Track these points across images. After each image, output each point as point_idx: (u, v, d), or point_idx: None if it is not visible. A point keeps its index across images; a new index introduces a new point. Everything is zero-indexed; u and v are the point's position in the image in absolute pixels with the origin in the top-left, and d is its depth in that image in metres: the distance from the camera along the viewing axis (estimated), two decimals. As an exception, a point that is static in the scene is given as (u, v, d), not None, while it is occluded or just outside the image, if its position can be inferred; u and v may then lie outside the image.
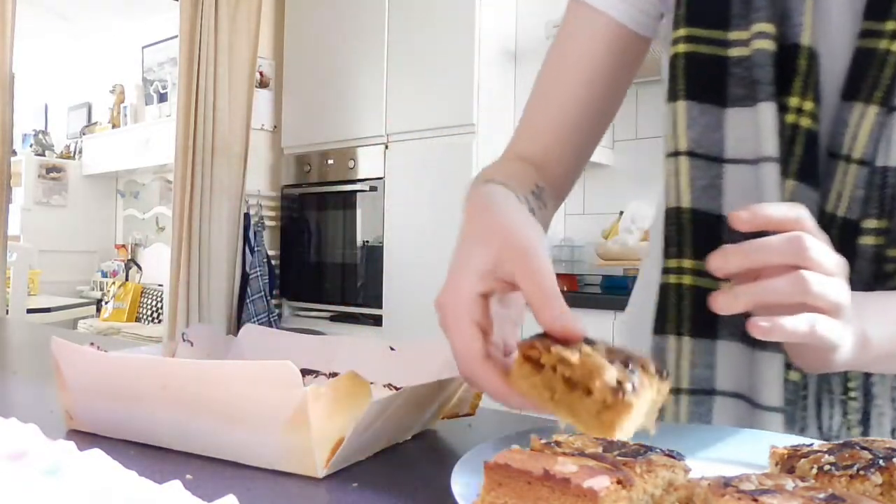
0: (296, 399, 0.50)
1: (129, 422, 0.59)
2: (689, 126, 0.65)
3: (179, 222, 3.14)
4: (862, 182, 0.60)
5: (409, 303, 2.88)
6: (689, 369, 0.64)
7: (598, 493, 0.36)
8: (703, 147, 0.64)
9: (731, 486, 0.36)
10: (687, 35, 0.66)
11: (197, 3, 3.12)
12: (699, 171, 0.64)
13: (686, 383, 0.65)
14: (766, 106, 0.61)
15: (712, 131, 0.64)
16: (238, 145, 3.23)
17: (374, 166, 3.04)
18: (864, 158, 0.60)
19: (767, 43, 0.62)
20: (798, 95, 0.61)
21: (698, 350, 0.64)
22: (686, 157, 0.65)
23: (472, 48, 2.71)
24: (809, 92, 0.61)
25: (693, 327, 0.64)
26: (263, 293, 3.28)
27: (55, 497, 0.34)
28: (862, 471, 0.41)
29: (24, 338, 1.46)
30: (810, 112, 0.61)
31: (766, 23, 0.62)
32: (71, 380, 0.61)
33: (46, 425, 0.45)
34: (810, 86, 0.61)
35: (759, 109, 0.62)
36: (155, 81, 4.72)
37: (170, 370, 0.56)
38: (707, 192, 0.64)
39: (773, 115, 0.61)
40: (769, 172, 0.61)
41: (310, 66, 3.36)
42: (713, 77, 0.64)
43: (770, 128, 0.61)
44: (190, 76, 3.11)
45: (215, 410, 0.54)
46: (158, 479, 0.39)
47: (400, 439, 0.62)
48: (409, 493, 0.51)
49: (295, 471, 0.53)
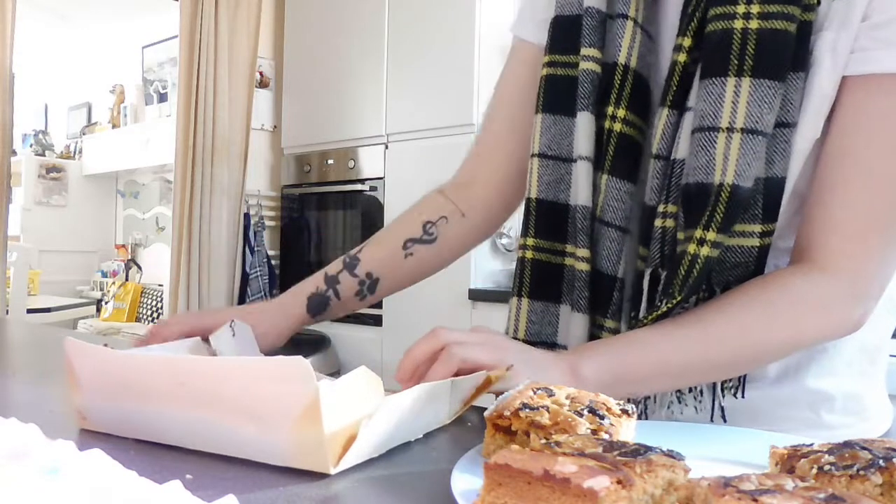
0: (308, 394, 0.50)
1: (145, 421, 0.59)
2: (542, 133, 0.79)
3: (179, 222, 3.14)
4: (659, 174, 0.72)
5: (409, 303, 2.88)
6: (526, 325, 0.79)
7: (598, 493, 0.36)
8: (552, 149, 0.78)
9: (731, 486, 0.36)
10: (549, 61, 0.80)
11: (197, 3, 3.12)
12: (546, 169, 0.78)
13: (522, 335, 0.80)
14: (584, 115, 0.75)
15: (563, 137, 0.78)
16: (238, 145, 3.23)
17: (374, 166, 3.04)
18: (659, 153, 0.72)
19: (591, 64, 0.75)
20: (612, 105, 0.74)
21: (534, 309, 0.79)
22: (537, 158, 0.79)
23: (472, 48, 2.71)
24: (623, 101, 0.74)
25: (531, 290, 0.79)
26: (263, 293, 3.28)
27: (55, 497, 0.34)
28: (862, 471, 0.41)
29: (24, 338, 1.46)
30: (622, 118, 0.74)
31: (591, 48, 0.76)
32: (85, 380, 0.61)
33: (46, 425, 0.45)
34: (623, 96, 0.74)
35: (579, 118, 0.76)
36: (155, 81, 4.71)
37: (188, 368, 0.56)
38: (554, 185, 0.78)
39: (589, 122, 0.75)
40: (582, 169, 0.75)
41: (310, 66, 3.36)
42: (564, 93, 0.78)
43: (585, 132, 0.75)
44: (190, 76, 3.11)
45: (230, 407, 0.54)
46: (158, 479, 0.39)
47: (411, 438, 0.62)
48: (409, 492, 0.51)
49: (306, 467, 0.53)
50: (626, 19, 0.74)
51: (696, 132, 0.67)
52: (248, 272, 3.28)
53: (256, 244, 3.33)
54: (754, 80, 0.64)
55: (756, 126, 0.64)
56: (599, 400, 0.54)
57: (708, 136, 0.66)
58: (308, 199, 3.35)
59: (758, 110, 0.64)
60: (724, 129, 0.65)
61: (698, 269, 0.65)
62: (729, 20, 0.65)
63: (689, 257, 0.66)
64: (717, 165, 0.65)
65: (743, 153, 0.64)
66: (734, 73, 0.65)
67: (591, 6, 0.76)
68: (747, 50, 0.64)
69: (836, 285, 0.66)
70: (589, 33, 0.76)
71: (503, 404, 0.53)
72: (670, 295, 0.67)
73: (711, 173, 0.66)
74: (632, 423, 0.54)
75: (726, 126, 0.65)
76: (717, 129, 0.66)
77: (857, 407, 0.76)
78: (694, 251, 0.65)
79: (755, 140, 0.64)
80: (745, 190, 0.65)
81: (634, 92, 0.74)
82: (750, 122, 0.64)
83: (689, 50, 0.70)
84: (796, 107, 0.66)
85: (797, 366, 0.74)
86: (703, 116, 0.67)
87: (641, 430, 0.56)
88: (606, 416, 0.51)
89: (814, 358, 0.74)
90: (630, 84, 0.74)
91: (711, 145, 0.66)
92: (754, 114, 0.64)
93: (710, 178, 0.66)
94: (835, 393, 0.74)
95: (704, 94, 0.67)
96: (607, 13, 0.76)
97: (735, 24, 0.65)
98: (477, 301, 2.67)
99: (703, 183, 0.66)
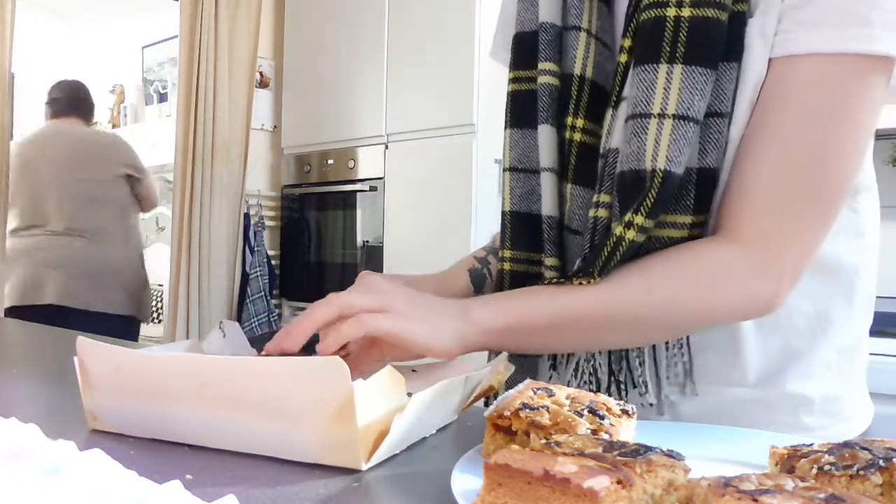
0: (343, 393, 0.51)
1: (160, 420, 0.59)
2: (511, 148, 0.80)
3: (179, 222, 3.14)
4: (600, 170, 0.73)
5: (409, 303, 2.88)
6: None
7: (598, 493, 0.36)
8: (522, 163, 0.80)
9: (731, 486, 0.36)
10: (513, 77, 0.82)
11: (197, 3, 3.12)
12: (517, 182, 0.80)
13: None
14: (544, 127, 0.76)
15: (530, 150, 0.79)
16: (238, 145, 3.22)
17: (374, 166, 3.04)
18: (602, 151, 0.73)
19: (548, 77, 0.76)
20: (571, 115, 0.75)
21: None
22: (509, 173, 0.80)
23: (472, 48, 2.71)
24: (580, 111, 0.75)
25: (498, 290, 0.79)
26: (263, 293, 3.28)
27: (55, 497, 0.34)
28: (862, 471, 0.41)
29: (24, 338, 1.46)
30: (581, 127, 0.74)
31: (547, 62, 0.76)
32: (98, 380, 0.61)
33: (46, 425, 0.45)
34: (581, 106, 0.75)
35: (540, 130, 0.77)
36: (155, 81, 4.71)
37: (211, 368, 0.56)
38: (526, 197, 0.79)
39: (550, 134, 0.76)
40: (547, 180, 0.76)
41: (310, 66, 3.36)
42: (527, 107, 0.79)
43: (547, 144, 0.76)
44: (190, 76, 3.11)
45: (258, 407, 0.55)
46: (158, 479, 0.39)
47: (428, 433, 0.64)
48: (409, 492, 0.52)
49: (338, 464, 0.54)
50: (580, 31, 0.75)
51: (629, 119, 0.68)
52: (248, 272, 3.28)
53: (256, 244, 3.33)
54: (686, 66, 0.64)
55: (687, 112, 0.64)
56: (599, 400, 0.54)
57: (640, 123, 0.66)
58: (308, 199, 3.35)
59: (689, 97, 0.64)
60: (656, 116, 0.65)
61: (621, 252, 0.65)
62: (661, 8, 0.66)
63: (615, 238, 0.65)
64: (647, 151, 0.65)
65: (674, 139, 0.64)
66: (666, 59, 0.65)
67: (546, 21, 0.77)
68: (679, 37, 0.65)
69: (745, 257, 0.65)
70: (545, 48, 0.77)
71: (503, 404, 0.53)
72: (589, 274, 0.66)
73: (643, 159, 0.66)
74: (632, 423, 0.54)
75: (658, 112, 0.65)
76: (648, 116, 0.66)
77: (835, 408, 0.76)
78: (620, 233, 0.65)
79: (686, 126, 0.64)
80: (676, 177, 0.65)
81: (591, 101, 0.74)
82: (681, 108, 0.64)
83: (629, 50, 0.70)
84: (728, 97, 0.66)
85: (777, 370, 0.74)
86: (636, 104, 0.67)
87: (641, 430, 0.56)
88: (606, 416, 0.51)
89: (792, 362, 0.74)
90: (587, 93, 0.74)
91: (643, 132, 0.66)
92: (685, 100, 0.64)
93: (642, 165, 0.66)
94: (814, 396, 0.74)
95: (637, 81, 0.67)
96: (562, 26, 0.77)
97: (668, 12, 0.65)
98: (477, 301, 2.67)
99: (636, 169, 0.66)
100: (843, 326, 0.75)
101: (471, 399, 0.68)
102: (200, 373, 0.56)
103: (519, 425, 0.51)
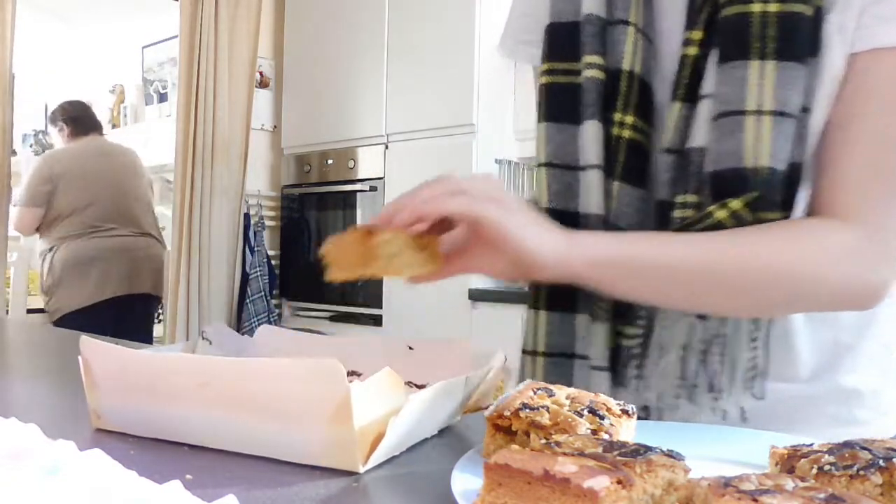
0: (340, 395, 0.51)
1: (162, 420, 0.59)
2: (546, 143, 0.77)
3: (179, 222, 3.14)
4: (669, 167, 0.71)
5: (409, 303, 2.88)
6: (546, 336, 0.78)
7: (598, 493, 0.36)
8: (559, 158, 0.77)
9: (731, 486, 0.36)
10: (547, 69, 0.78)
11: (197, 3, 3.12)
12: (554, 179, 0.77)
13: (542, 347, 0.78)
14: (591, 123, 0.74)
15: (568, 145, 0.76)
16: (238, 145, 3.23)
17: (374, 166, 3.04)
18: (671, 147, 0.71)
19: (594, 71, 0.74)
20: (620, 111, 0.73)
21: (551, 320, 0.78)
22: (544, 168, 0.77)
23: (472, 48, 2.71)
24: (630, 108, 0.73)
25: (548, 302, 0.78)
26: (263, 293, 3.28)
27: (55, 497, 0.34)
28: (862, 471, 0.41)
29: (24, 338, 1.46)
30: (631, 124, 0.73)
31: (593, 55, 0.75)
32: (102, 379, 0.61)
33: (46, 425, 0.45)
34: (630, 103, 0.73)
35: (586, 126, 0.75)
36: (155, 81, 4.71)
37: (213, 368, 0.56)
38: (563, 194, 0.76)
39: (596, 129, 0.74)
40: (593, 177, 0.74)
41: (310, 66, 3.36)
42: (567, 101, 0.77)
43: (593, 140, 0.74)
44: (190, 76, 3.11)
45: (258, 407, 0.55)
46: (158, 479, 0.39)
47: (428, 434, 0.63)
48: (409, 492, 0.52)
49: (336, 466, 0.54)
50: (628, 25, 0.74)
51: (719, 118, 0.67)
52: (248, 272, 3.28)
53: (256, 244, 3.33)
54: (779, 62, 0.64)
55: (784, 108, 0.64)
56: (599, 400, 0.54)
57: (735, 120, 0.65)
58: (308, 199, 3.35)
59: (785, 92, 0.64)
60: (753, 113, 0.65)
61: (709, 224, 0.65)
62: (745, 4, 0.66)
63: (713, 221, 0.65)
64: (747, 148, 0.65)
65: (775, 135, 0.64)
66: (757, 55, 0.65)
67: (591, 13, 0.75)
68: (768, 32, 0.65)
69: (857, 234, 0.65)
70: (591, 40, 0.75)
71: (503, 404, 0.53)
72: None
73: (742, 157, 0.65)
74: (632, 423, 0.54)
75: (754, 109, 0.65)
76: (743, 113, 0.65)
77: (876, 402, 0.76)
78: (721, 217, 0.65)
79: (785, 122, 0.64)
80: (780, 173, 0.64)
81: (640, 97, 0.73)
82: (778, 104, 0.64)
83: (699, 42, 0.70)
84: (812, 92, 0.66)
85: (828, 365, 0.74)
86: (727, 101, 0.66)
87: (641, 430, 0.56)
88: (606, 416, 0.51)
89: (842, 356, 0.74)
90: (636, 90, 0.73)
91: (740, 129, 0.65)
92: (781, 96, 0.64)
93: (742, 163, 0.65)
94: (863, 389, 0.75)
95: (726, 78, 0.66)
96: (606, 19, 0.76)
97: (753, 8, 0.65)
98: (477, 301, 2.67)
99: (736, 168, 0.65)
100: (885, 321, 0.76)
101: (470, 405, 0.68)
102: (202, 373, 0.56)
103: (519, 425, 0.51)
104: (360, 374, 0.73)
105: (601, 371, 0.74)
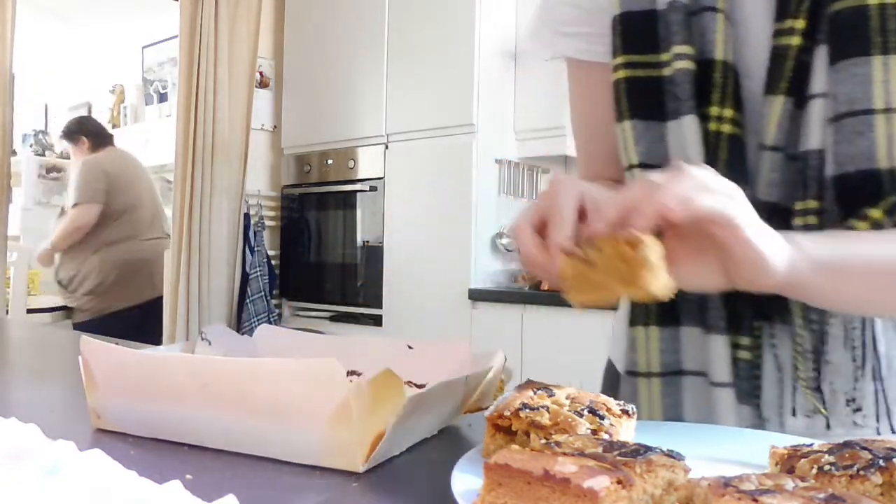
0: (339, 395, 0.51)
1: (163, 420, 0.59)
2: (636, 142, 0.73)
3: (179, 222, 3.14)
4: (776, 166, 0.67)
5: (409, 303, 2.88)
6: (658, 354, 0.73)
7: (598, 493, 0.36)
8: (651, 158, 0.72)
9: (731, 486, 0.36)
10: (624, 62, 0.74)
11: (197, 3, 3.12)
12: None
13: (657, 367, 0.73)
14: (689, 119, 0.69)
15: (657, 143, 0.72)
16: (238, 145, 3.22)
17: (374, 166, 3.04)
18: (776, 145, 0.67)
19: (685, 62, 0.69)
20: (717, 105, 0.69)
21: (664, 337, 0.73)
22: (639, 170, 0.73)
23: (472, 48, 2.71)
24: (727, 100, 0.69)
25: (658, 318, 0.73)
26: (263, 293, 3.28)
27: (55, 497, 0.34)
28: (862, 471, 0.41)
29: (24, 338, 1.46)
30: (730, 118, 0.69)
31: (683, 45, 0.70)
32: (101, 379, 0.61)
33: (46, 425, 0.45)
34: (727, 95, 0.69)
35: (683, 122, 0.70)
36: (155, 81, 4.71)
37: (213, 368, 0.56)
38: None
39: (696, 125, 0.69)
40: None
41: (310, 66, 3.35)
42: (651, 96, 0.72)
43: (693, 137, 0.69)
44: (190, 76, 3.11)
45: (259, 408, 0.55)
46: (158, 479, 0.39)
47: (428, 434, 0.63)
48: (409, 492, 0.52)
49: (336, 466, 0.54)
50: (716, 12, 0.69)
51: (843, 118, 0.63)
52: (248, 272, 3.27)
53: (256, 244, 3.33)
54: None
55: None
56: (599, 400, 0.54)
57: (862, 121, 0.62)
58: (308, 199, 3.35)
59: None
60: (882, 111, 0.61)
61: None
62: None
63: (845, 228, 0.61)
64: (880, 149, 0.61)
65: None
66: (879, 51, 0.61)
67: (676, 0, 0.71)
68: (889, 26, 0.61)
69: None
70: (679, 29, 0.70)
71: (503, 404, 0.53)
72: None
73: (874, 159, 0.62)
74: (632, 423, 0.54)
75: (882, 107, 0.61)
76: (871, 112, 0.62)
77: None
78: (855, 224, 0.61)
79: None
80: None
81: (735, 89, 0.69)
82: None
83: (803, 32, 0.65)
84: None
85: None
86: (850, 101, 0.63)
87: (641, 430, 0.56)
88: (606, 416, 0.51)
89: None
90: (732, 81, 0.69)
91: (869, 129, 0.62)
92: None
93: (874, 164, 0.62)
94: None
95: (844, 76, 0.63)
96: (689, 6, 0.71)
97: (869, 1, 0.62)
98: (477, 301, 2.67)
99: (867, 170, 0.62)
100: None
101: (470, 405, 0.68)
102: (202, 373, 0.56)
103: (519, 425, 0.51)
104: (360, 374, 0.73)
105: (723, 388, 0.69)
